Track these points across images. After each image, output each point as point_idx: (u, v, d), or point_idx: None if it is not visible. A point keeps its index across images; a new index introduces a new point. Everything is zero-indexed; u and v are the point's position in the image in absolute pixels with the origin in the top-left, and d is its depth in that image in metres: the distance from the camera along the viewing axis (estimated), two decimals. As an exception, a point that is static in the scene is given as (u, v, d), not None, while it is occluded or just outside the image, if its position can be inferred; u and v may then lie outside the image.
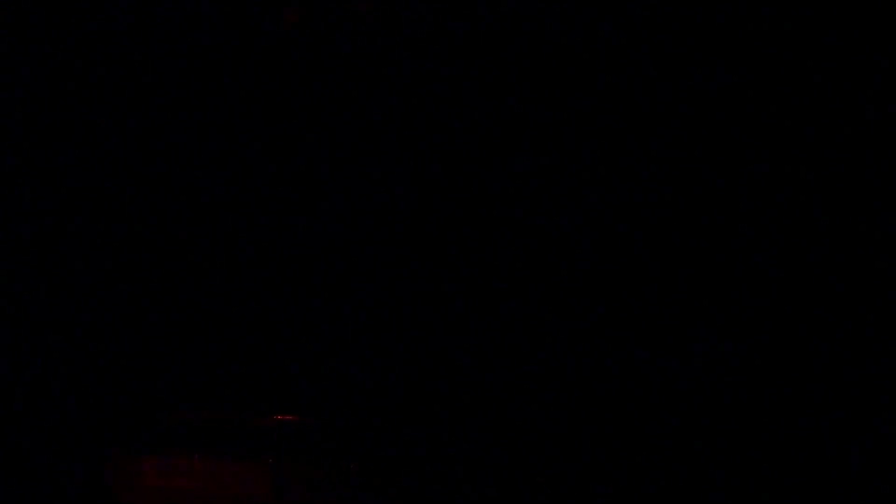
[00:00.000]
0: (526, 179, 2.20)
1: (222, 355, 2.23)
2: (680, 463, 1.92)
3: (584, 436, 1.99)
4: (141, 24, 2.33)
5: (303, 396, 2.17)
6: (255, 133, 2.31)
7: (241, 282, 2.25)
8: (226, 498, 2.09)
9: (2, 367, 2.29)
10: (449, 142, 2.24)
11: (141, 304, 2.29)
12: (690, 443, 1.95)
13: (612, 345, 2.09)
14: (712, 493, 1.90)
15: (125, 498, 2.15)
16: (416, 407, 2.12)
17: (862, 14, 2.06)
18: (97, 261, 2.32)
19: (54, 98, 2.35)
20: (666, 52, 2.15)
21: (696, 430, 1.97)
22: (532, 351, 2.12)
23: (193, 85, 2.33)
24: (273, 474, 2.06)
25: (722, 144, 2.13)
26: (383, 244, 2.22)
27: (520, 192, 2.20)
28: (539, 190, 2.19)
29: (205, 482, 2.10)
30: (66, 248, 2.33)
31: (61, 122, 2.35)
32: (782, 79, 2.11)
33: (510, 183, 2.21)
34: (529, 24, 2.21)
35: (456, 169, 2.23)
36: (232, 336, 2.23)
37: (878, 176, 2.03)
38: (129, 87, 2.34)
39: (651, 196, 2.14)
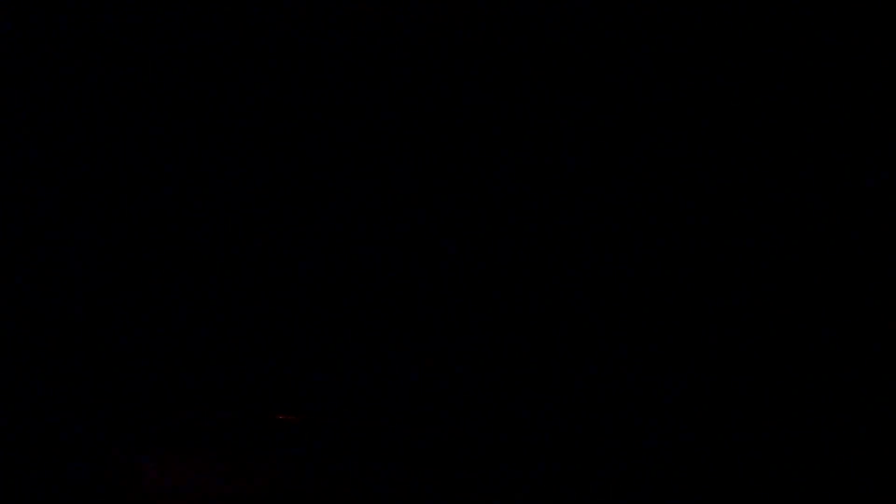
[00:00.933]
0: (526, 179, 2.20)
1: (225, 355, 2.23)
2: (680, 463, 1.93)
3: (584, 436, 2.00)
4: (140, 23, 2.33)
5: (305, 397, 2.18)
6: (256, 133, 2.31)
7: (243, 281, 2.26)
8: (228, 497, 2.10)
9: (3, 366, 2.29)
10: (449, 142, 2.24)
11: (144, 303, 2.29)
12: (690, 443, 1.96)
13: (612, 345, 2.09)
14: (712, 493, 1.91)
15: (127, 497, 2.16)
16: (416, 407, 2.13)
17: (862, 14, 2.06)
18: (98, 260, 2.33)
19: (53, 97, 2.35)
20: (666, 53, 2.15)
21: (696, 431, 1.98)
22: (531, 351, 2.13)
23: (192, 84, 2.33)
24: (274, 474, 2.07)
25: (722, 144, 2.13)
26: (384, 244, 2.22)
27: (520, 191, 2.20)
28: (539, 190, 2.20)
29: (206, 481, 2.11)
30: (66, 248, 2.33)
31: (60, 121, 2.35)
32: (782, 79, 2.12)
33: (510, 183, 2.21)
34: (530, 23, 2.20)
35: (456, 169, 2.23)
36: (234, 336, 2.24)
37: (878, 176, 2.04)
38: (128, 87, 2.34)
39: (651, 196, 2.14)
